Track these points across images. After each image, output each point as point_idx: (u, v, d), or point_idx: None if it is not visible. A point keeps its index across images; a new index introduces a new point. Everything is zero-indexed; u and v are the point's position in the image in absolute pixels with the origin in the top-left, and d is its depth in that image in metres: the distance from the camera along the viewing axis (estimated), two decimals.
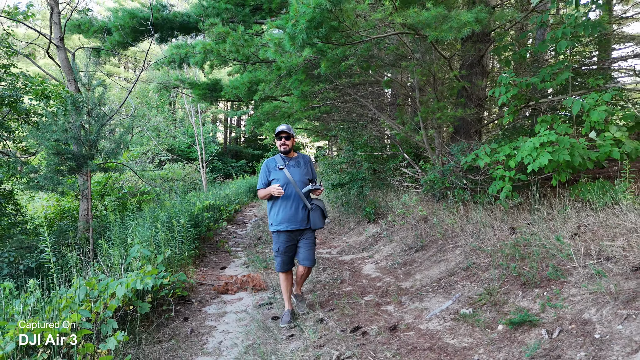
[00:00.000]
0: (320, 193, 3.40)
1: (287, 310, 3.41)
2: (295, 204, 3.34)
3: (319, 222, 3.37)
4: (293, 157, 3.49)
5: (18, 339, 2.26)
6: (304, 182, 3.38)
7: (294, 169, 3.40)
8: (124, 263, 4.01)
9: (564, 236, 3.46)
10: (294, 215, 3.32)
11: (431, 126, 5.61)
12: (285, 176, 3.34)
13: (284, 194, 3.30)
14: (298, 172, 3.40)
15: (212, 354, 3.00)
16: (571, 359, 2.19)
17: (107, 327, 2.75)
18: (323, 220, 3.41)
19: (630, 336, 2.17)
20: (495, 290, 3.17)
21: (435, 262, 4.20)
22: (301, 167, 3.44)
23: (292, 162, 3.44)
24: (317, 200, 3.42)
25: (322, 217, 3.40)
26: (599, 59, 5.74)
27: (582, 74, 4.75)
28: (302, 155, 3.57)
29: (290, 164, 3.42)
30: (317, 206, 3.38)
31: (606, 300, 2.50)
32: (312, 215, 3.35)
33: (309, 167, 3.50)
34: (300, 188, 3.34)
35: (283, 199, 3.34)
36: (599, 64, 5.45)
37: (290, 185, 3.33)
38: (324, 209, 3.43)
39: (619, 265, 2.77)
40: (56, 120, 4.82)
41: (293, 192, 3.34)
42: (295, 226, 3.34)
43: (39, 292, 2.99)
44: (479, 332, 2.76)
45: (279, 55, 4.80)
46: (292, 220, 3.33)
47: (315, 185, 3.33)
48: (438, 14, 4.19)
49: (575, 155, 3.80)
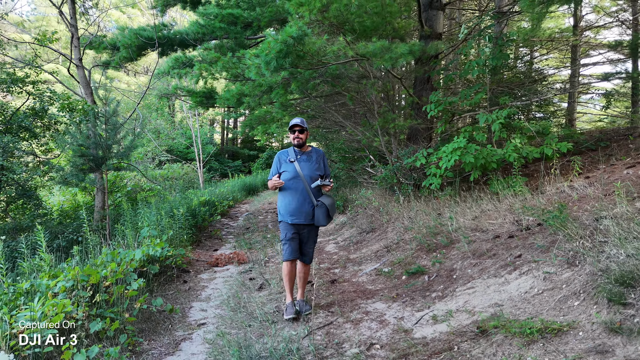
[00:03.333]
0: (329, 189, 3.33)
1: (289, 302, 3.37)
2: (302, 198, 3.28)
3: (322, 219, 3.29)
4: (306, 151, 3.42)
5: (77, 278, 3.42)
6: (314, 178, 3.30)
7: (305, 163, 3.33)
8: (137, 241, 5.20)
9: (468, 217, 4.66)
10: (299, 209, 3.28)
11: (387, 133, 6.80)
12: (295, 169, 3.28)
13: (292, 187, 3.28)
14: (308, 166, 3.32)
15: (204, 300, 4.18)
16: (435, 289, 3.40)
17: (130, 278, 3.92)
18: (327, 218, 3.32)
19: (472, 274, 3.37)
20: (409, 256, 4.38)
21: (377, 240, 5.40)
22: (312, 162, 3.36)
23: (305, 156, 3.38)
24: (325, 198, 3.34)
25: (327, 215, 3.31)
26: (511, 80, 6.97)
27: (499, 94, 5.94)
28: (316, 150, 3.49)
29: (302, 158, 3.36)
30: (323, 203, 3.29)
31: (468, 256, 3.70)
32: (317, 212, 3.28)
33: (322, 163, 3.43)
34: (309, 183, 3.28)
35: (291, 192, 3.30)
36: (508, 85, 6.63)
37: (299, 179, 3.27)
38: (330, 208, 3.33)
39: (486, 235, 3.97)
40: (80, 128, 5.99)
41: (301, 186, 3.28)
42: (299, 220, 3.30)
43: (77, 258, 4.18)
44: (389, 281, 3.96)
45: (259, 76, 5.99)
46: (297, 214, 3.29)
47: (323, 181, 3.25)
48: (381, 46, 5.40)
49: (479, 158, 5.00)
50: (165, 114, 23.62)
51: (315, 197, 3.32)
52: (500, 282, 3.06)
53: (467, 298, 3.02)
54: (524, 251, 3.32)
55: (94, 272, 3.48)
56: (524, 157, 5.15)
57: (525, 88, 6.38)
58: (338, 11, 5.65)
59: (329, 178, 3.37)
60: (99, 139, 6.06)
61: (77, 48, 7.01)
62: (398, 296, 3.52)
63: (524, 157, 5.16)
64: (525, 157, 5.18)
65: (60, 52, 6.92)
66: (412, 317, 3.01)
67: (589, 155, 6.13)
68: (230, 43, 9.66)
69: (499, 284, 3.03)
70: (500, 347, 2.28)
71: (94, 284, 3.52)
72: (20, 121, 6.35)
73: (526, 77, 8.37)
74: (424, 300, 3.27)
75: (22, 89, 6.67)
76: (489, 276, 3.22)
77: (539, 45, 9.64)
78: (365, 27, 5.91)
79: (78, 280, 3.42)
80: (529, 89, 6.41)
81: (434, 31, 6.86)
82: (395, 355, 2.46)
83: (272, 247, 6.20)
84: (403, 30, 6.37)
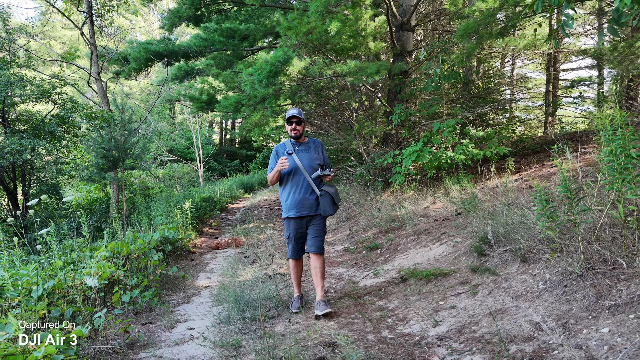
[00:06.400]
0: (330, 179, 3.28)
1: (296, 296, 3.41)
2: (304, 189, 3.25)
3: (328, 208, 3.24)
4: (303, 142, 3.38)
5: (113, 250, 4.52)
6: (314, 168, 3.26)
7: (303, 154, 3.30)
8: (151, 227, 6.30)
9: (421, 207, 5.79)
10: (302, 201, 3.24)
11: (364, 138, 7.93)
12: (294, 161, 3.24)
13: (293, 180, 3.26)
14: (307, 157, 3.29)
15: (209, 271, 5.29)
16: (382, 258, 4.52)
17: (150, 253, 5.03)
18: (334, 206, 3.28)
19: (410, 246, 4.50)
20: (371, 237, 5.51)
21: (350, 227, 6.53)
22: (311, 152, 3.32)
23: (302, 147, 3.34)
24: (327, 187, 3.30)
25: (332, 203, 3.26)
26: (463, 95, 8.13)
27: (454, 105, 7.05)
28: (313, 140, 3.46)
29: (300, 149, 3.32)
30: (327, 192, 3.25)
31: (410, 233, 4.84)
32: (322, 201, 3.23)
33: (320, 152, 3.39)
34: (309, 173, 3.24)
35: (292, 185, 3.27)
36: (463, 97, 7.77)
37: (299, 171, 3.24)
38: (335, 195, 3.28)
39: (429, 220, 5.10)
40: (101, 134, 7.09)
41: (302, 178, 3.24)
42: (304, 212, 3.26)
43: (107, 238, 5.30)
44: (352, 255, 5.09)
45: (253, 90, 7.11)
46: (300, 206, 3.25)
47: (324, 171, 3.20)
48: (354, 66, 6.53)
49: (433, 159, 6.13)
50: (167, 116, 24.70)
51: (317, 187, 3.28)
52: (426, 250, 4.19)
53: (400, 261, 4.15)
54: (448, 229, 4.45)
55: (126, 246, 4.59)
56: (470, 158, 6.29)
57: (474, 101, 7.52)
58: (320, 35, 6.77)
59: (329, 167, 3.28)
60: (117, 143, 7.17)
61: (96, 64, 8.10)
62: (356, 264, 4.65)
63: (471, 158, 6.29)
64: (472, 159, 6.31)
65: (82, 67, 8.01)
66: (361, 275, 4.14)
67: (534, 157, 7.26)
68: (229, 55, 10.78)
69: (424, 252, 4.17)
70: (410, 286, 3.41)
71: (125, 256, 4.63)
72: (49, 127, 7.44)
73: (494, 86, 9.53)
74: (373, 265, 4.40)
75: (48, 99, 7.77)
76: (420, 247, 4.35)
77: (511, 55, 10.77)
78: (344, 48, 7.04)
79: (114, 252, 4.53)
80: (483, 100, 7.55)
81: (404, 49, 7.99)
82: (342, 295, 3.59)
83: (264, 234, 7.31)
84: (377, 49, 7.49)
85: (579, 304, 2.20)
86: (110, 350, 2.85)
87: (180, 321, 3.47)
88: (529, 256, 2.89)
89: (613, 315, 2.02)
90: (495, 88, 9.89)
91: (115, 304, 3.73)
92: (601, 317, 2.04)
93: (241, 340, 2.82)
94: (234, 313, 3.33)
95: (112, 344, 2.93)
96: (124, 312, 3.69)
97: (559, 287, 2.42)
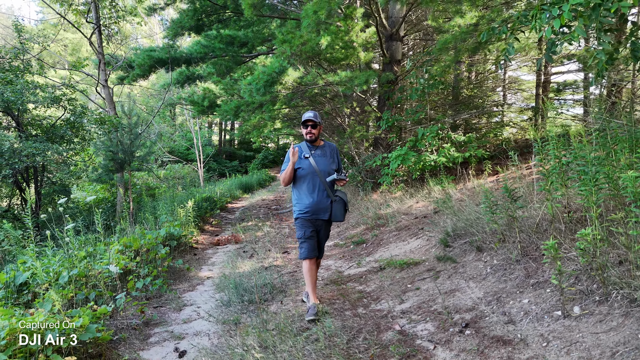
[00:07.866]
0: (344, 183, 3.25)
1: (312, 304, 3.16)
2: (319, 193, 3.23)
3: (340, 215, 3.28)
4: (320, 145, 3.36)
5: (125, 244, 5.04)
6: (329, 172, 3.25)
7: (320, 158, 3.28)
8: (157, 225, 6.82)
9: (406, 206, 6.32)
10: (317, 205, 3.23)
11: (355, 141, 8.46)
12: (311, 165, 3.23)
13: (309, 183, 3.24)
14: (324, 161, 3.27)
15: (210, 265, 5.82)
16: (366, 251, 5.05)
17: (158, 247, 5.54)
18: (344, 213, 3.32)
19: (391, 241, 5.03)
20: (358, 233, 6.04)
21: (341, 225, 7.06)
22: (327, 157, 3.31)
23: (319, 151, 3.32)
24: (340, 192, 3.32)
25: (344, 210, 3.30)
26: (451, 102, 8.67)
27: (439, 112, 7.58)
28: (329, 144, 3.45)
29: (317, 153, 3.30)
30: (341, 198, 3.27)
31: (392, 230, 5.37)
32: (335, 207, 3.25)
33: (335, 157, 3.39)
34: (325, 178, 3.23)
35: (308, 188, 3.25)
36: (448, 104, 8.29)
37: (315, 175, 3.23)
38: (347, 202, 3.33)
39: (410, 217, 5.64)
40: (110, 137, 7.61)
41: (318, 182, 3.23)
42: (317, 216, 3.26)
43: (118, 234, 5.82)
44: (341, 249, 5.61)
45: (251, 97, 7.63)
46: (315, 210, 3.24)
47: (340, 175, 3.18)
48: (345, 75, 7.06)
49: (418, 162, 6.65)
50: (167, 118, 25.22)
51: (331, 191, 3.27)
52: (405, 244, 4.72)
53: (381, 253, 4.68)
54: (425, 226, 4.98)
55: (137, 240, 5.12)
56: (452, 161, 6.82)
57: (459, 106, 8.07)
58: (312, 47, 7.29)
59: (343, 172, 3.29)
60: (123, 146, 7.69)
61: (104, 71, 8.62)
62: (343, 257, 5.17)
63: (452, 161, 6.82)
64: (453, 161, 6.84)
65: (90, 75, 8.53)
66: (347, 266, 4.67)
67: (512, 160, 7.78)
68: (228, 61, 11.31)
69: (403, 245, 4.70)
70: (386, 273, 3.94)
71: (136, 249, 5.15)
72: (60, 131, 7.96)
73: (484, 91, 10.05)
74: (358, 258, 4.93)
75: (59, 105, 8.28)
76: (400, 241, 4.88)
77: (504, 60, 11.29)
78: (336, 58, 7.57)
79: (126, 246, 5.06)
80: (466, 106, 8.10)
81: (393, 58, 8.52)
82: (328, 282, 4.12)
83: (262, 231, 7.84)
84: (367, 59, 8.01)
85: (512, 283, 2.73)
86: (129, 327, 3.38)
87: (187, 305, 4.00)
88: (483, 246, 3.42)
89: (535, 290, 2.55)
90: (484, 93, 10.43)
91: (130, 290, 4.25)
92: (525, 291, 2.58)
93: (240, 317, 3.35)
94: (234, 297, 3.86)
95: (130, 322, 3.45)
96: (138, 298, 4.21)
97: (501, 270, 2.95)
